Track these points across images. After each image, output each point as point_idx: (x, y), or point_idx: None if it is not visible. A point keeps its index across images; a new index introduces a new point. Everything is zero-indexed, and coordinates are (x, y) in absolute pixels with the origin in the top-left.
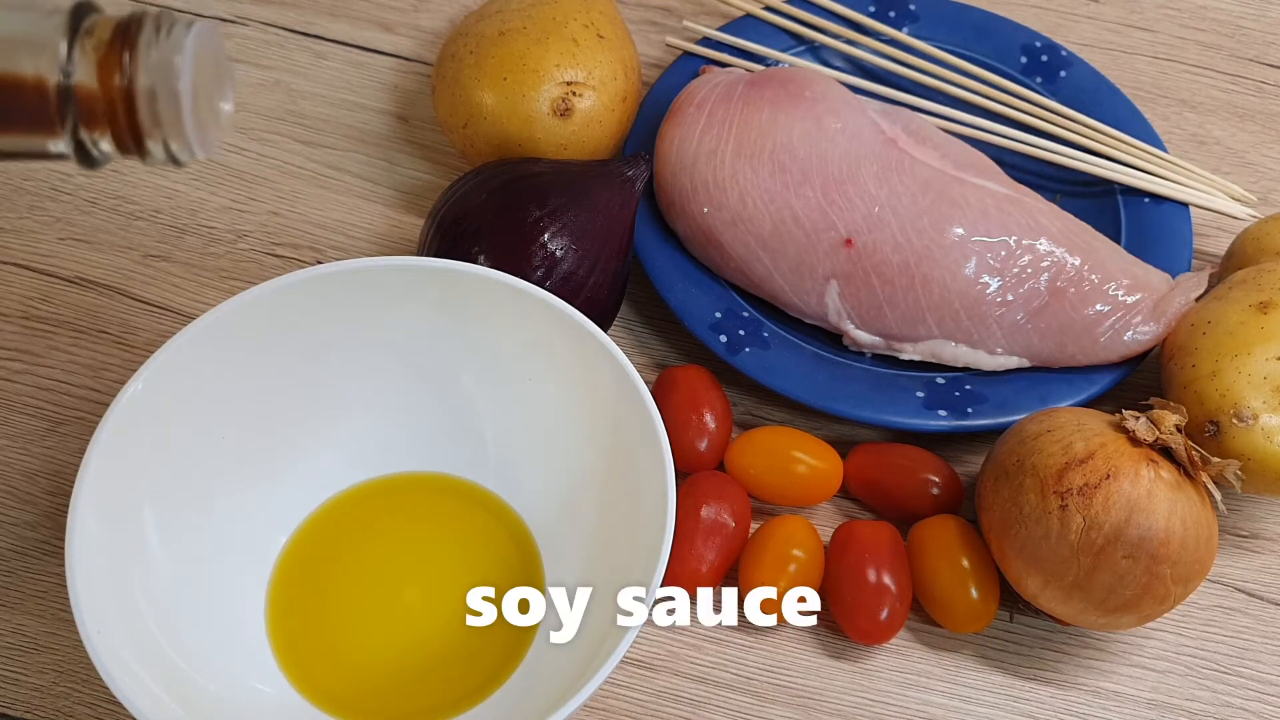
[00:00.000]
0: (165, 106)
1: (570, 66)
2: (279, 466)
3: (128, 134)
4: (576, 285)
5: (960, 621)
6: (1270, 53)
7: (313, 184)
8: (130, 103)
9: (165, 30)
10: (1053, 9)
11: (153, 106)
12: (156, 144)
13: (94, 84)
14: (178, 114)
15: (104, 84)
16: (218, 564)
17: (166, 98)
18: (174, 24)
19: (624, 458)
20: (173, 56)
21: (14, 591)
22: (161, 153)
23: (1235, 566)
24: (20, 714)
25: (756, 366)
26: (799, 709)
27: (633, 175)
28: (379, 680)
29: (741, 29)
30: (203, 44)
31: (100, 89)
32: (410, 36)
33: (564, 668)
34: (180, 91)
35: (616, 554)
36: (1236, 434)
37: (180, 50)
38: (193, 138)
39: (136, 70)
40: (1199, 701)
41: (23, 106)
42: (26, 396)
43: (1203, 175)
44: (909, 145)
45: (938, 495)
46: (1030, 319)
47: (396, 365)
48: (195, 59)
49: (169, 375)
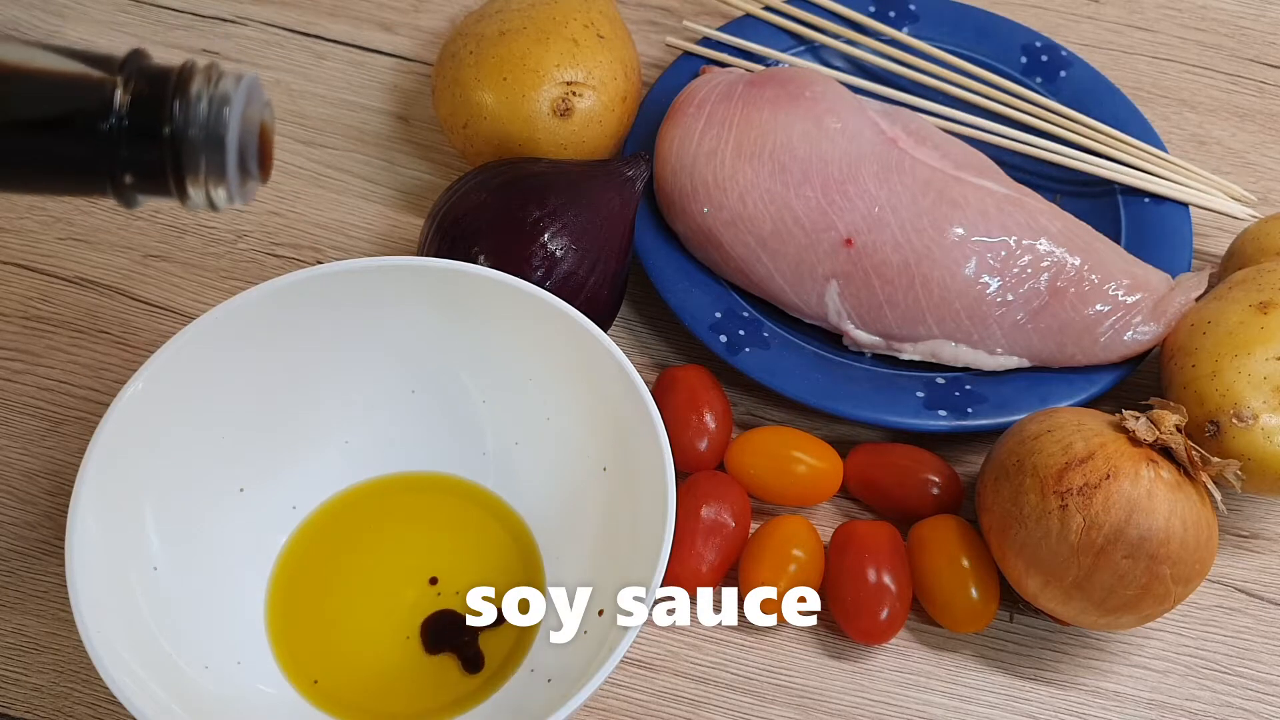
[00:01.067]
0: (211, 156)
1: (570, 66)
2: (279, 466)
3: (171, 180)
4: (576, 285)
5: (960, 621)
6: (1270, 53)
7: (313, 184)
8: (178, 150)
9: (215, 82)
10: (1053, 9)
11: (199, 156)
12: (199, 190)
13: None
14: (222, 163)
15: (154, 131)
16: (218, 564)
17: (213, 147)
18: (223, 76)
19: (624, 458)
20: (222, 108)
21: (14, 591)
22: (203, 199)
23: (1235, 566)
24: (20, 714)
25: (756, 366)
26: (799, 709)
27: (633, 175)
28: (379, 680)
29: (741, 29)
30: (251, 96)
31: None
32: (410, 36)
33: (564, 668)
34: (228, 142)
35: (616, 554)
36: (1236, 434)
37: (229, 102)
38: (234, 186)
39: (187, 119)
40: (1199, 701)
41: (73, 149)
42: (26, 396)
43: (1203, 175)
44: (909, 145)
45: (938, 495)
46: (1030, 319)
47: (397, 365)
48: (243, 111)
49: (169, 375)
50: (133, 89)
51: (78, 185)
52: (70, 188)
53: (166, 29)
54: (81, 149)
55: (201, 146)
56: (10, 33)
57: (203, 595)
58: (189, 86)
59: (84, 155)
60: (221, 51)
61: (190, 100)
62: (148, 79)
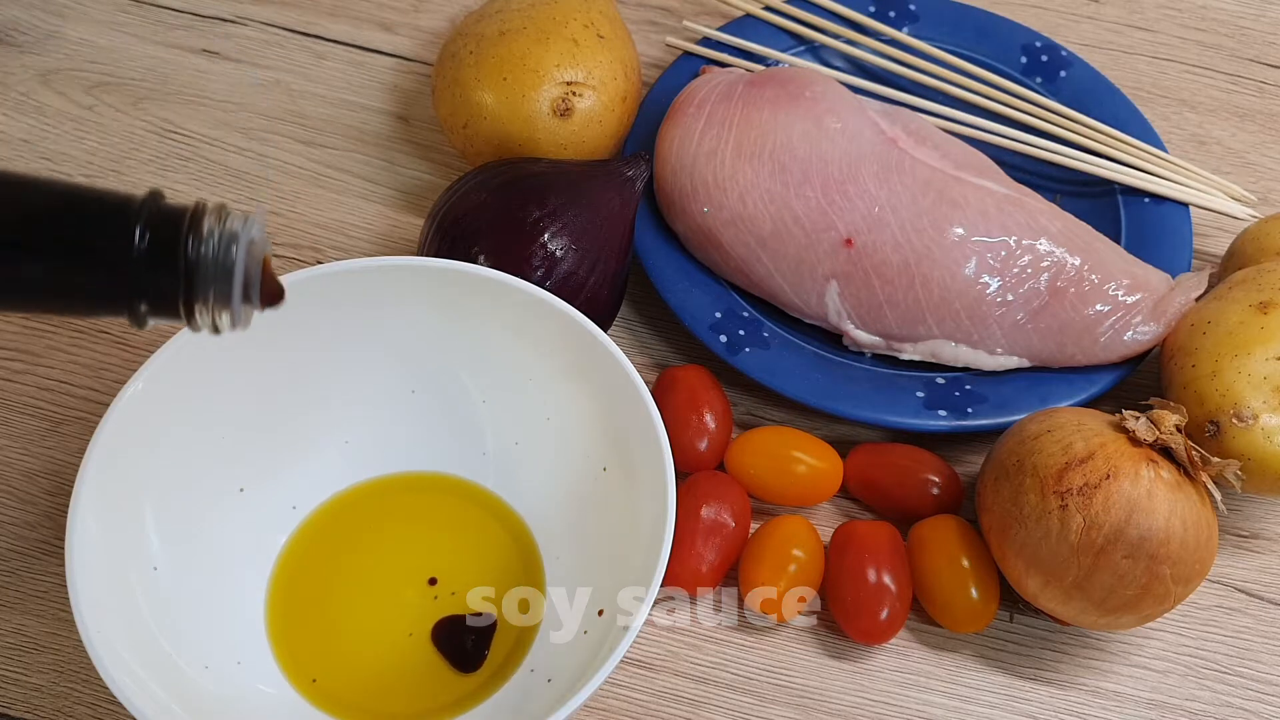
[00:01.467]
0: (220, 287)
1: (570, 66)
2: (279, 466)
3: (182, 307)
4: (576, 285)
5: (960, 621)
6: (1270, 53)
7: (313, 184)
8: (191, 282)
9: (224, 220)
10: (1053, 9)
11: (209, 286)
12: (206, 316)
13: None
14: (228, 294)
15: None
16: (218, 564)
17: (222, 279)
18: (230, 215)
19: (624, 458)
20: (230, 244)
21: (14, 591)
22: (208, 323)
23: (1235, 566)
24: (20, 714)
25: (756, 366)
26: (799, 709)
27: (633, 175)
28: (379, 680)
29: (741, 29)
30: (255, 232)
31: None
32: (410, 36)
33: (564, 668)
34: (235, 275)
35: (616, 554)
36: (1236, 434)
37: (236, 240)
38: (239, 314)
39: (199, 255)
40: (1199, 701)
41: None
42: (26, 396)
43: (1203, 175)
44: (909, 145)
45: (938, 495)
46: (1030, 319)
47: (397, 365)
48: (248, 246)
49: (169, 375)
50: (152, 228)
51: (98, 309)
52: (91, 311)
53: (167, 29)
54: (106, 281)
55: (212, 279)
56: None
57: (203, 595)
58: (201, 225)
59: (107, 286)
60: (221, 51)
61: (203, 238)
62: (165, 217)
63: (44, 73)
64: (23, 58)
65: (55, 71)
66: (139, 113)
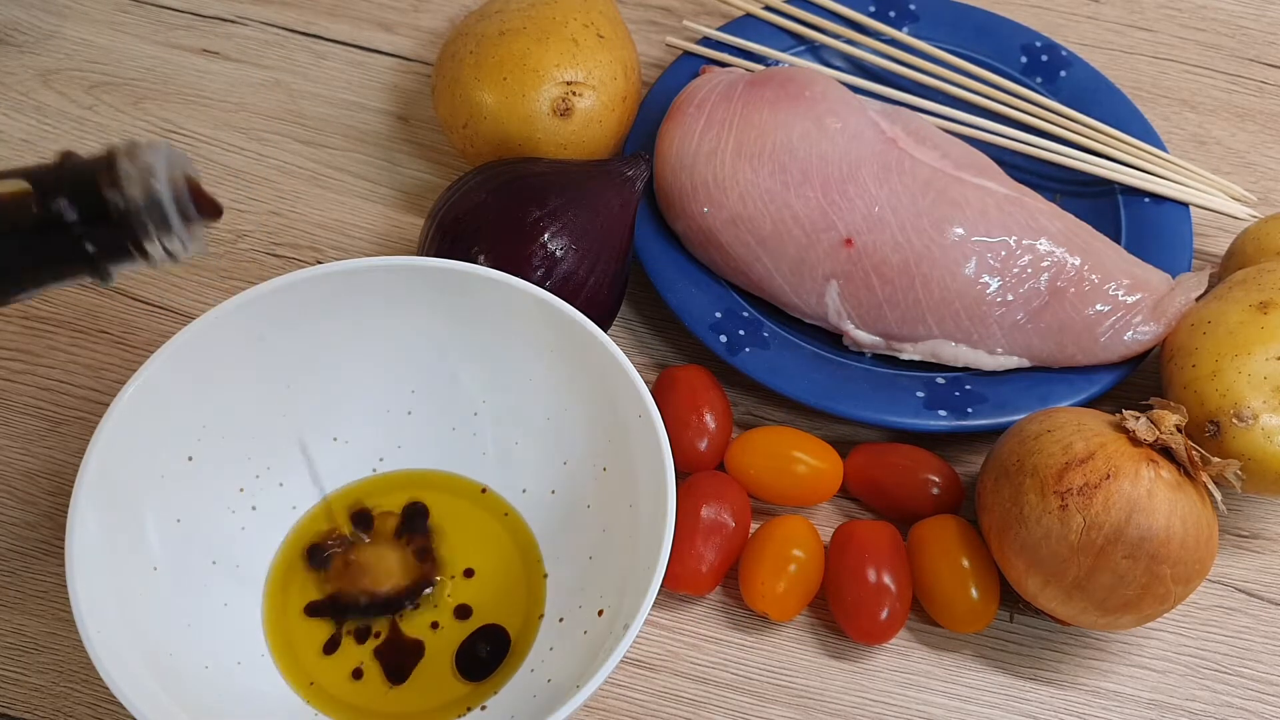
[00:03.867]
0: (156, 220)
1: (570, 66)
2: (279, 466)
3: (131, 246)
4: (576, 285)
5: (960, 621)
6: (1270, 53)
7: (313, 184)
8: (130, 226)
9: (137, 157)
10: (1053, 9)
11: (145, 220)
12: (155, 247)
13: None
14: (168, 222)
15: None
16: (217, 564)
17: (155, 212)
18: (139, 149)
19: (624, 458)
20: (149, 178)
21: (14, 591)
22: (160, 251)
23: (1235, 566)
24: (20, 714)
25: (756, 366)
26: (799, 709)
27: (633, 175)
28: (379, 680)
29: (741, 29)
30: (170, 159)
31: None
32: (410, 36)
33: (564, 668)
34: (165, 205)
35: (616, 554)
36: (1236, 434)
37: (153, 172)
38: (180, 232)
39: (124, 199)
40: (1199, 701)
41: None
42: (26, 396)
43: (1203, 175)
44: (909, 145)
45: (938, 495)
46: (1030, 319)
47: (397, 365)
48: (166, 170)
49: (169, 375)
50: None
51: (62, 276)
52: (57, 279)
53: (167, 29)
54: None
55: (146, 215)
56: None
57: (202, 595)
58: (117, 171)
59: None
60: (221, 51)
61: (122, 183)
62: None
63: (44, 73)
64: (23, 58)
65: (55, 71)
66: (139, 113)
